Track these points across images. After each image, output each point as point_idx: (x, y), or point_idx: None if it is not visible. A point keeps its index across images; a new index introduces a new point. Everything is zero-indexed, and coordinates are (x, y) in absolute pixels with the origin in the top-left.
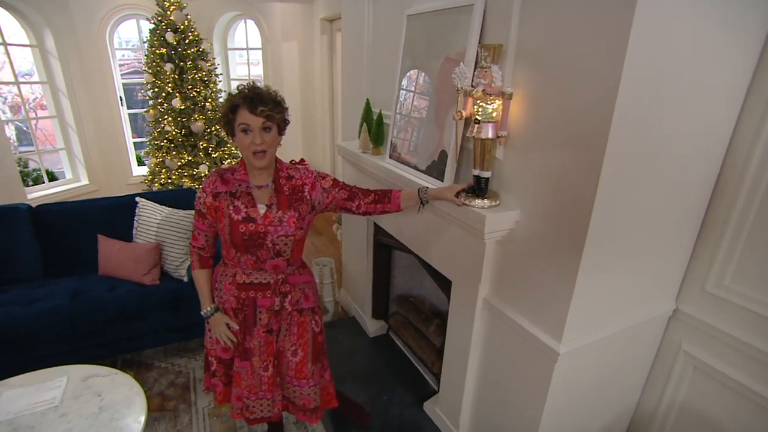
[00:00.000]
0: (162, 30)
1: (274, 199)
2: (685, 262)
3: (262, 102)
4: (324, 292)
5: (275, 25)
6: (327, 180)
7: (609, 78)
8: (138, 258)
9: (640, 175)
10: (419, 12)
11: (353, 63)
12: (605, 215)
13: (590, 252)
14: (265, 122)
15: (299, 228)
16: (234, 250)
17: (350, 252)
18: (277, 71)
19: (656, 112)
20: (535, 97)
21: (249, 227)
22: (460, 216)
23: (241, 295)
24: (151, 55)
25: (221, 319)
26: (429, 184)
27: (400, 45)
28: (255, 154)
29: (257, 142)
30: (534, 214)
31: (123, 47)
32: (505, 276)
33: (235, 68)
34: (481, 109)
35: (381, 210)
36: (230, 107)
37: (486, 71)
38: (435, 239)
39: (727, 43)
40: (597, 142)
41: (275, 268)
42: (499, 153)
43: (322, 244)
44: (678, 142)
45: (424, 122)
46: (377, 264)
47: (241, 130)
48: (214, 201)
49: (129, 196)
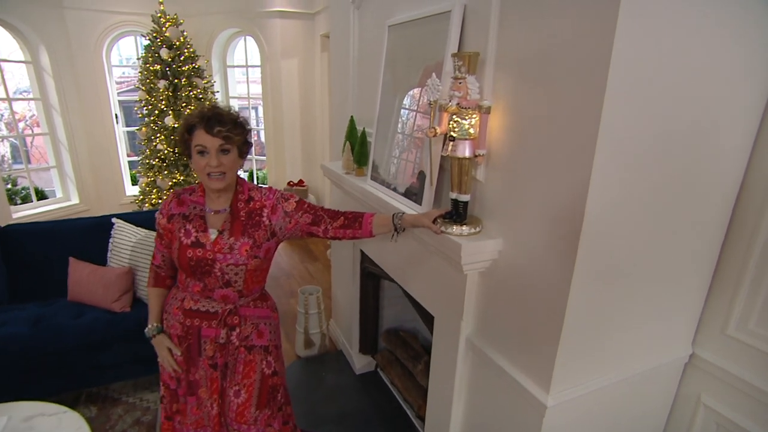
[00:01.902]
0: (157, 46)
1: (228, 225)
2: (702, 301)
3: (220, 122)
4: (310, 323)
5: (275, 42)
6: (290, 203)
7: (593, 90)
8: (108, 283)
9: (640, 199)
10: (399, 22)
11: (340, 78)
12: (599, 246)
13: (581, 287)
14: (223, 144)
15: (252, 257)
16: (184, 274)
17: (339, 280)
18: (275, 89)
19: (655, 128)
20: (517, 111)
21: (197, 252)
22: (438, 244)
23: (186, 322)
24: (145, 71)
25: (163, 341)
26: (408, 208)
27: (382, 57)
28: (210, 176)
29: (213, 164)
30: (519, 243)
31: (124, 64)
32: (489, 313)
33: (235, 86)
34: (457, 124)
35: (351, 235)
36: (186, 127)
37: (461, 82)
38: (417, 269)
39: (739, 51)
40: (583, 161)
41: (224, 298)
42: (479, 174)
43: (316, 271)
44: (684, 161)
45: (403, 140)
46: (365, 294)
47: (197, 152)
48: (168, 223)
49: (105, 217)
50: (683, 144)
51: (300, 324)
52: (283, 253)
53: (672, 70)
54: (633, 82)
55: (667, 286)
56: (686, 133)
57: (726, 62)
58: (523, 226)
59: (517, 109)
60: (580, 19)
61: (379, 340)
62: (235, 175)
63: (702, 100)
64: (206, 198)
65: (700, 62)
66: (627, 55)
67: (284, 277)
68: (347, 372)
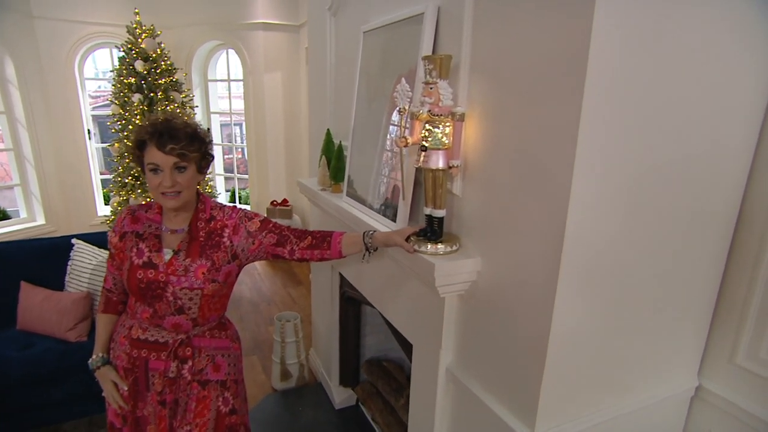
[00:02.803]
0: (131, 58)
1: (185, 245)
2: (706, 326)
3: (173, 138)
4: (286, 352)
5: (257, 55)
6: (253, 222)
7: (571, 95)
8: (63, 310)
9: (629, 217)
10: (373, 27)
11: (317, 89)
12: (584, 266)
13: (567, 312)
14: (178, 162)
15: (210, 281)
16: (134, 298)
17: (318, 305)
18: (258, 104)
19: (642, 138)
20: (493, 119)
21: (148, 274)
22: (412, 265)
23: (133, 353)
24: (119, 84)
25: (108, 374)
26: (383, 225)
27: (357, 66)
28: (164, 195)
29: (166, 184)
30: (499, 263)
31: (100, 77)
32: (470, 341)
33: (217, 102)
34: (429, 133)
35: (319, 257)
36: (137, 143)
37: (432, 88)
38: (394, 293)
39: (735, 52)
40: (562, 177)
41: (175, 327)
42: (455, 187)
43: (300, 296)
44: (674, 171)
45: (378, 153)
46: (344, 320)
47: (150, 170)
48: (120, 241)
49: (65, 238)
50: (672, 152)
51: (276, 354)
52: (264, 277)
53: (654, 71)
54: (613, 85)
55: (665, 311)
56: (675, 141)
57: (721, 66)
58: (504, 244)
59: (494, 116)
60: (555, 20)
61: (360, 372)
62: (192, 193)
63: (692, 107)
64: (163, 216)
65: (687, 64)
66: (605, 56)
67: (264, 303)
68: (326, 406)
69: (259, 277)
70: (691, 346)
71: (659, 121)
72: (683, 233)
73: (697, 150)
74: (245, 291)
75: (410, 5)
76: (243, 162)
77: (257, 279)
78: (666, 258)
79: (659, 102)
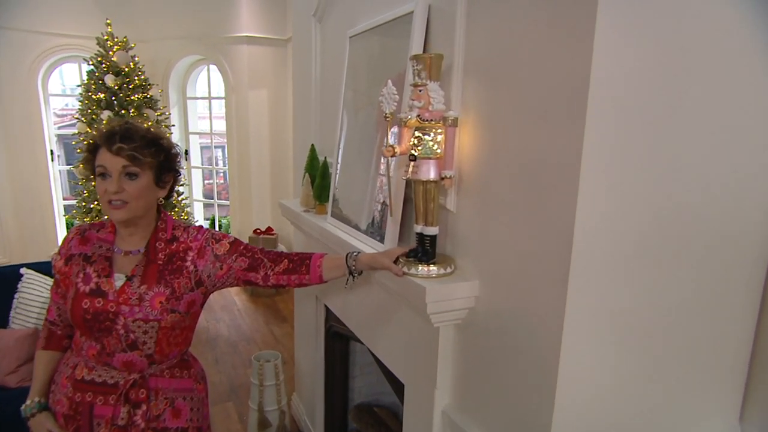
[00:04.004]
0: (101, 72)
1: (140, 269)
2: (746, 359)
3: (126, 138)
4: (265, 397)
5: (241, 71)
6: (222, 244)
7: (574, 95)
8: (4, 349)
9: (642, 230)
10: (360, 31)
11: (301, 102)
12: (595, 287)
13: (575, 345)
14: (129, 166)
15: (169, 311)
16: (79, 332)
17: (302, 342)
18: (242, 123)
19: (653, 145)
20: (490, 124)
21: (95, 303)
22: (401, 289)
23: (75, 397)
24: (87, 100)
25: (44, 423)
26: (369, 247)
27: (343, 73)
28: (111, 203)
29: (111, 189)
30: (498, 287)
31: (67, 94)
32: (469, 379)
33: (197, 122)
34: (419, 140)
35: (297, 282)
36: (89, 148)
37: (421, 90)
38: (383, 325)
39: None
40: (568, 188)
41: (127, 366)
42: (449, 202)
43: (284, 335)
44: (692, 189)
45: (365, 167)
46: (330, 359)
47: (98, 174)
48: (65, 266)
49: (12, 267)
50: (692, 158)
51: (253, 399)
52: (245, 314)
53: (664, 68)
54: (619, 87)
55: (692, 343)
56: (699, 148)
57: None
58: (504, 266)
59: (491, 122)
60: (555, 16)
61: (348, 419)
62: (145, 207)
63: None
64: (117, 236)
65: (705, 61)
66: (610, 56)
67: (244, 342)
68: None
69: (239, 314)
70: (727, 383)
71: (678, 122)
72: (710, 263)
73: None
74: (222, 329)
75: (399, 5)
76: (224, 187)
77: (236, 315)
78: (691, 287)
79: (672, 103)
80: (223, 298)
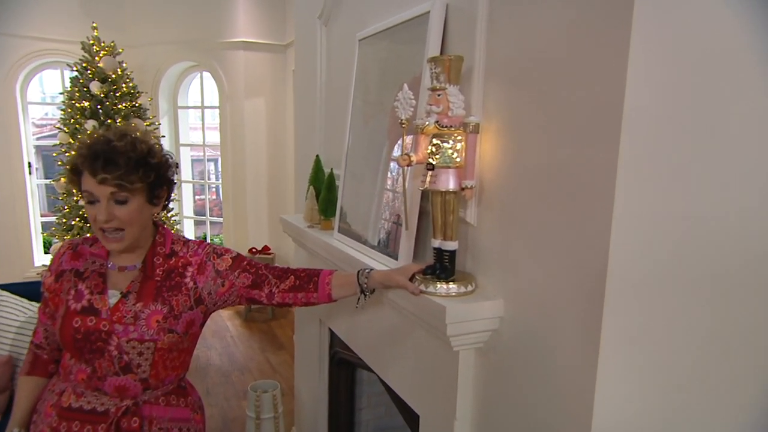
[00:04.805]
0: (86, 79)
1: (136, 286)
2: None
3: (110, 164)
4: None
5: (237, 78)
6: (224, 259)
7: (610, 98)
8: None
9: (679, 247)
10: (371, 33)
11: (305, 111)
12: (631, 307)
13: (610, 366)
14: (117, 192)
15: (166, 331)
16: (69, 354)
17: (303, 370)
18: (237, 134)
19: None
20: (515, 131)
21: (87, 322)
22: (417, 310)
23: (60, 427)
24: (70, 109)
25: None
26: (381, 264)
27: (351, 79)
28: (104, 233)
29: (101, 218)
30: (525, 307)
31: (47, 102)
32: (492, 408)
33: (188, 134)
34: (437, 148)
35: (304, 301)
36: (72, 168)
37: (440, 95)
38: (395, 349)
39: None
40: (602, 202)
41: (119, 391)
42: (469, 215)
43: (281, 363)
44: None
45: (375, 178)
46: (335, 389)
47: (86, 201)
48: (56, 282)
49: None
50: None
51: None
52: (238, 340)
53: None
54: (656, 97)
55: (732, 370)
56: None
57: None
58: (531, 284)
59: (515, 129)
60: (588, 20)
61: None
62: (141, 229)
63: None
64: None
65: None
66: (647, 63)
67: (237, 372)
68: None
69: (232, 340)
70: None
71: (717, 137)
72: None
73: None
74: (214, 357)
75: (414, 5)
76: (217, 203)
77: (229, 342)
78: (729, 310)
79: (711, 116)
80: (215, 324)
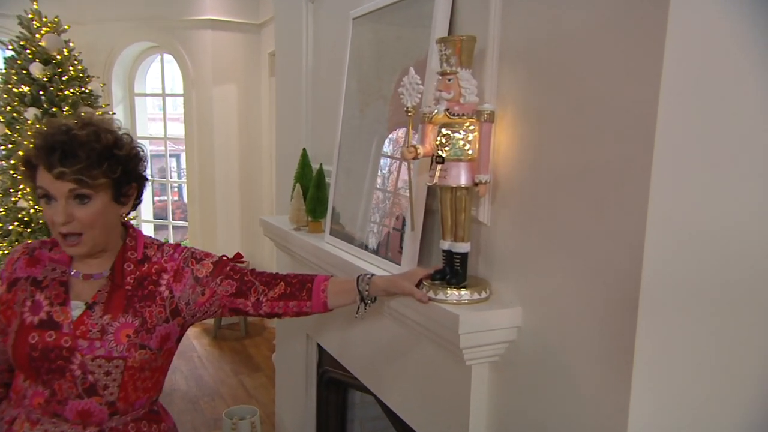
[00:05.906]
0: (25, 60)
1: (103, 296)
2: None
3: (69, 157)
4: None
5: (204, 63)
6: (204, 264)
7: (645, 84)
8: None
9: (716, 251)
10: (367, 11)
11: (288, 100)
12: (668, 315)
13: (645, 381)
14: (77, 189)
15: (137, 346)
16: (23, 375)
17: (285, 393)
18: (204, 126)
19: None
20: (534, 120)
21: (45, 337)
22: (425, 319)
23: None
24: (5, 95)
25: None
26: (382, 269)
27: (345, 62)
28: (65, 238)
29: (59, 220)
30: (547, 315)
31: None
32: (509, 429)
33: (146, 125)
34: (447, 139)
35: (296, 310)
36: (24, 161)
37: (450, 80)
38: (396, 366)
39: None
40: (635, 201)
41: (83, 416)
42: (482, 213)
43: (257, 387)
44: None
45: (373, 173)
46: (324, 414)
47: (41, 197)
48: (8, 292)
49: None
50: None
51: None
52: (207, 361)
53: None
54: (696, 89)
55: None
56: None
57: None
58: (553, 290)
59: (534, 118)
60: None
61: None
62: (105, 233)
63: None
64: (74, 256)
65: None
66: (685, 50)
67: (207, 397)
68: None
69: (199, 361)
70: None
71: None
72: None
73: None
74: (179, 381)
75: None
76: (180, 205)
77: (196, 364)
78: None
79: (754, 111)
80: (180, 343)
